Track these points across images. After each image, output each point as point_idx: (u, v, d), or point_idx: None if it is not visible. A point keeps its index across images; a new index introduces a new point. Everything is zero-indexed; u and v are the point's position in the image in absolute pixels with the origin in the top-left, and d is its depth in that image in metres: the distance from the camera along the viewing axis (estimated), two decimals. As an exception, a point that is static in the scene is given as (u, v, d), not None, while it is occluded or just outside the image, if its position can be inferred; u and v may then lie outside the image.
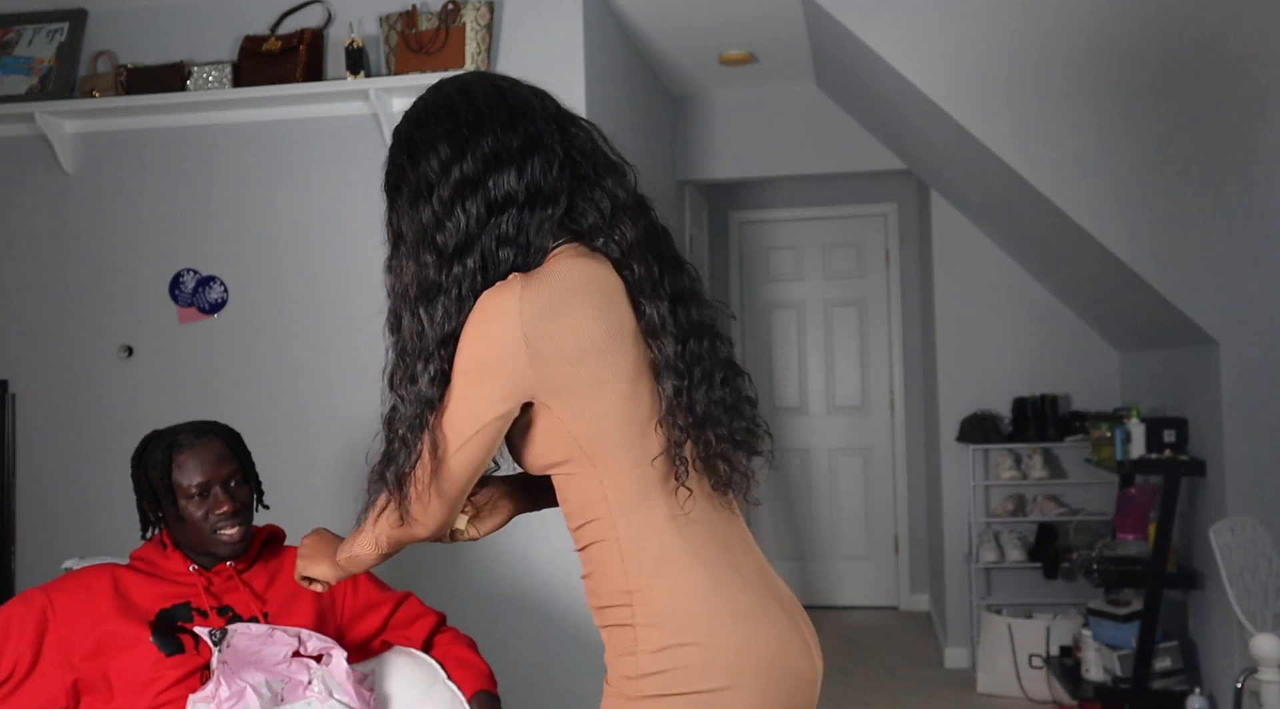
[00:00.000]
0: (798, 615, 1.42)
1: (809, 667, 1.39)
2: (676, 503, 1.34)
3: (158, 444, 2.01)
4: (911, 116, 4.11)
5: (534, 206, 1.34)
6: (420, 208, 1.35)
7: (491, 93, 1.39)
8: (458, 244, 1.32)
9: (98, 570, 1.96)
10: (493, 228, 1.33)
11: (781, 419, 6.39)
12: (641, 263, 1.36)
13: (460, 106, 1.37)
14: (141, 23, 3.76)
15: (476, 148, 1.34)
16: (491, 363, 1.29)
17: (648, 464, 1.33)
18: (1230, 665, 3.48)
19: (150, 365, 3.67)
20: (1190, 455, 3.77)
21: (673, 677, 1.30)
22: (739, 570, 1.37)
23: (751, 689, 1.31)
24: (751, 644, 1.33)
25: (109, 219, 3.73)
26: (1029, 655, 4.51)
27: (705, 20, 4.21)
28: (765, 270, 6.44)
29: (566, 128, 1.40)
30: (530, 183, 1.34)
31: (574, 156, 1.38)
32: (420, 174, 1.36)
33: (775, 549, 6.35)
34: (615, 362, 1.31)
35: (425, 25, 3.47)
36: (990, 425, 4.86)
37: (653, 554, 1.33)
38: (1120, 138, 3.44)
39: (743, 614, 1.33)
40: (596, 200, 1.37)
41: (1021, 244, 4.66)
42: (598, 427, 1.31)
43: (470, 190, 1.33)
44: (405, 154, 1.39)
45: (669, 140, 5.15)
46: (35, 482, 3.69)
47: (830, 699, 4.60)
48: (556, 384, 1.30)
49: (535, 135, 1.36)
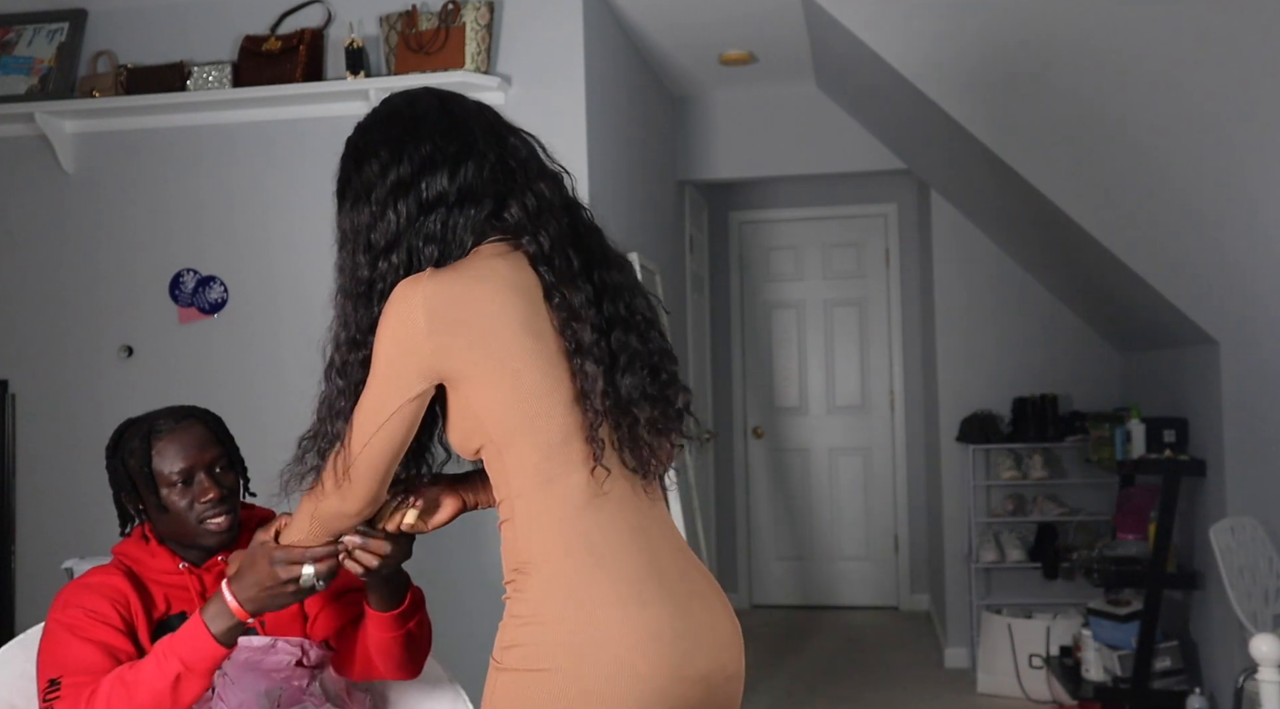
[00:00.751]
0: (704, 609, 1.41)
1: (704, 664, 1.38)
2: (588, 485, 1.38)
3: (134, 431, 1.87)
4: (911, 116, 4.11)
5: (463, 206, 1.43)
6: (360, 209, 1.45)
7: (434, 103, 1.50)
8: (388, 241, 1.42)
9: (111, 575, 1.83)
10: (421, 226, 1.42)
11: (781, 419, 6.40)
12: (561, 257, 1.42)
13: (404, 115, 1.48)
14: (141, 23, 3.76)
15: (415, 152, 1.44)
16: (400, 350, 1.37)
17: (559, 448, 1.37)
18: (1230, 665, 3.48)
19: (150, 365, 3.67)
20: (1190, 455, 3.77)
21: (523, 652, 1.35)
22: (635, 557, 1.38)
23: (593, 677, 1.32)
24: (604, 631, 1.33)
25: (109, 219, 3.73)
26: (1029, 655, 4.51)
27: (705, 20, 4.21)
28: (765, 270, 6.44)
29: (504, 137, 1.50)
30: (462, 185, 1.43)
31: (508, 162, 1.47)
32: (363, 177, 1.46)
33: (775, 549, 6.36)
34: (519, 350, 1.37)
35: (425, 25, 3.47)
36: (990, 425, 4.86)
37: (541, 535, 1.38)
38: (1120, 137, 3.43)
39: (610, 601, 1.34)
40: (525, 201, 1.45)
41: (1021, 244, 4.67)
42: (501, 412, 1.37)
43: (404, 191, 1.43)
44: (351, 159, 1.49)
45: (669, 140, 5.15)
46: (35, 482, 3.69)
47: (830, 699, 4.60)
48: (459, 368, 1.37)
49: (471, 142, 1.46)
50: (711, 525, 5.85)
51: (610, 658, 1.32)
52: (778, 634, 5.72)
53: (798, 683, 4.85)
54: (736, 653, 1.44)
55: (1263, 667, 2.41)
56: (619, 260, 1.52)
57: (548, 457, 1.38)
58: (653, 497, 1.46)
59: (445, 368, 1.37)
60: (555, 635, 1.34)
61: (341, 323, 1.47)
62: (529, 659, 1.34)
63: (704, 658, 1.38)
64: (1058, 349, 4.97)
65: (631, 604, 1.35)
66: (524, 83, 3.55)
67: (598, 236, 1.52)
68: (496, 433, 1.38)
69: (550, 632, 1.34)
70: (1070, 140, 3.49)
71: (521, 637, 1.36)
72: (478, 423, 1.39)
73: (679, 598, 1.39)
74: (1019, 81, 3.50)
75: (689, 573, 1.44)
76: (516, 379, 1.36)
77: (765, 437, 6.39)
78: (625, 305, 1.46)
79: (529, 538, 1.38)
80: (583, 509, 1.38)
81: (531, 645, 1.34)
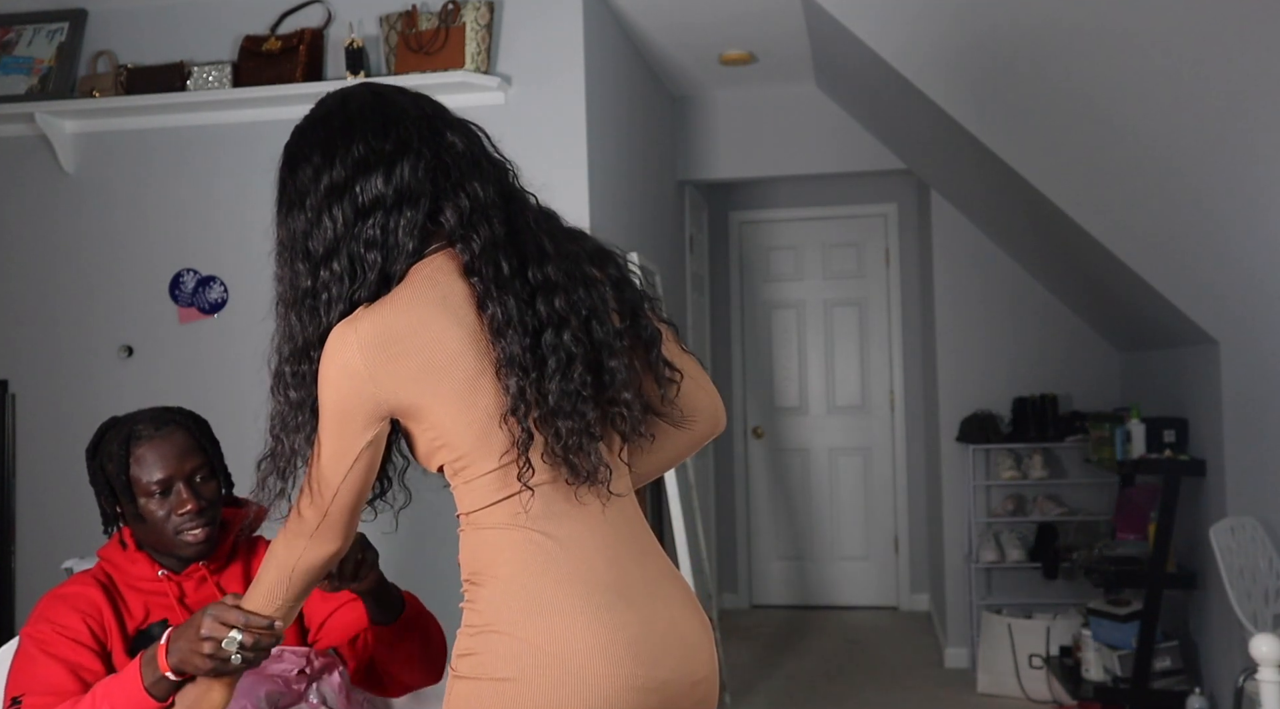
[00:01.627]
0: (668, 615, 1.39)
1: (664, 672, 1.35)
2: (535, 495, 1.36)
3: (114, 434, 1.83)
4: (911, 116, 4.11)
5: (400, 208, 1.37)
6: (296, 216, 1.40)
7: (367, 99, 1.44)
8: (326, 248, 1.37)
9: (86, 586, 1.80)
10: (360, 231, 1.37)
11: (781, 419, 6.40)
12: (490, 264, 1.36)
13: (335, 116, 1.42)
14: (141, 23, 3.76)
15: (347, 154, 1.38)
16: (346, 399, 1.35)
17: (503, 468, 1.35)
18: (1230, 665, 3.47)
19: (150, 365, 3.67)
20: (1190, 455, 3.77)
21: (478, 660, 1.34)
22: (593, 564, 1.36)
23: (546, 685, 1.30)
24: (558, 640, 1.31)
25: (109, 219, 3.73)
26: (1029, 655, 4.51)
27: (705, 20, 4.21)
28: (765, 270, 6.43)
29: (441, 131, 1.42)
30: (399, 185, 1.37)
31: (444, 158, 1.40)
32: (297, 183, 1.41)
33: (775, 549, 6.36)
34: (464, 371, 1.34)
35: (425, 25, 3.47)
36: (990, 425, 4.85)
37: (495, 544, 1.36)
38: (1119, 136, 3.43)
39: (564, 609, 1.32)
40: (458, 202, 1.39)
41: (1021, 244, 4.66)
42: (455, 434, 1.35)
43: (338, 196, 1.37)
44: (286, 166, 1.44)
45: (669, 140, 5.15)
46: (35, 482, 3.69)
47: (830, 699, 4.60)
48: (407, 401, 1.34)
49: (406, 139, 1.39)
50: (711, 525, 5.85)
51: (564, 666, 1.30)
52: (778, 634, 5.72)
53: (798, 683, 4.85)
54: (705, 657, 1.41)
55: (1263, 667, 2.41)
56: (566, 250, 1.42)
57: (502, 472, 1.36)
58: (615, 500, 1.41)
59: (393, 404, 1.35)
60: (508, 644, 1.32)
61: (285, 335, 1.41)
62: (483, 668, 1.33)
63: (665, 666, 1.35)
64: (1058, 349, 4.97)
65: (586, 612, 1.33)
66: (524, 83, 3.55)
67: (549, 223, 1.45)
68: (451, 455, 1.37)
69: (504, 640, 1.32)
70: (1070, 139, 3.49)
71: (475, 645, 1.34)
72: (433, 447, 1.38)
73: (640, 604, 1.36)
74: (1019, 81, 3.50)
75: (654, 578, 1.41)
76: (465, 401, 1.34)
77: (765, 437, 6.39)
78: (564, 301, 1.37)
79: (483, 546, 1.37)
80: (539, 519, 1.36)
81: (486, 654, 1.33)
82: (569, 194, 3.50)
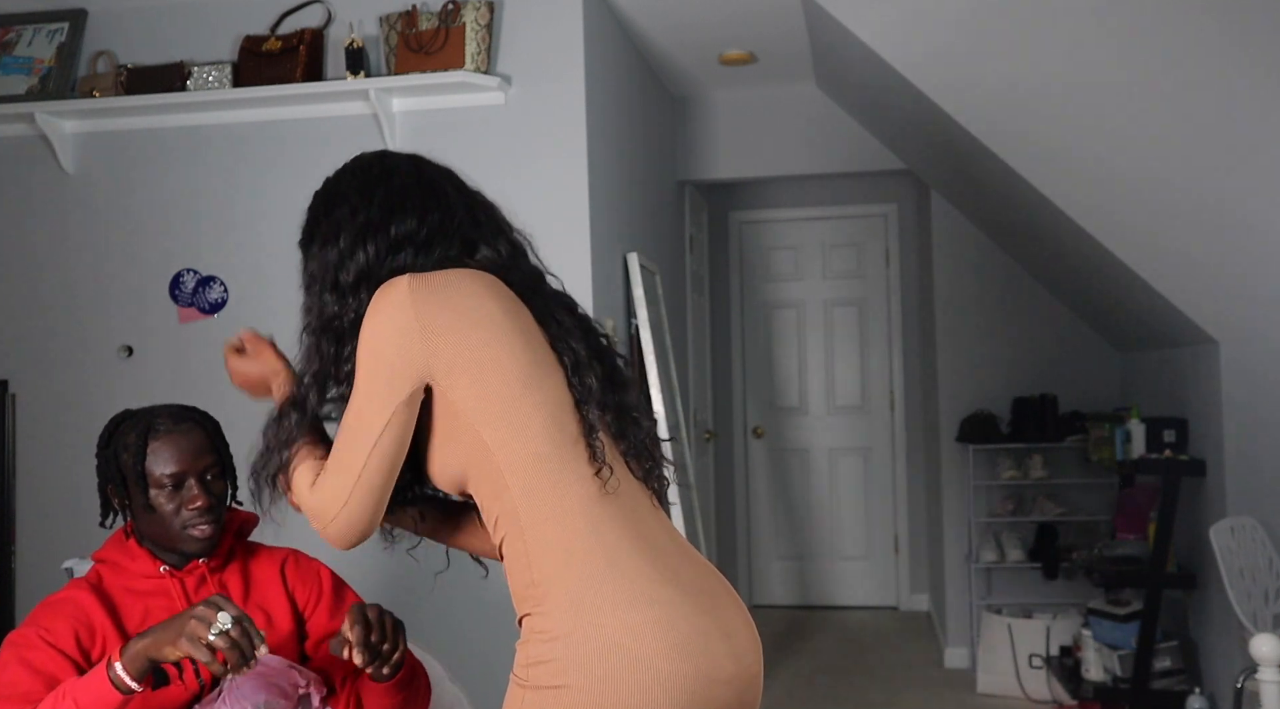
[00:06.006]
0: (723, 611, 1.40)
1: (731, 665, 1.36)
2: (593, 482, 1.38)
3: (131, 425, 1.86)
4: (911, 116, 4.11)
5: (430, 247, 1.46)
6: (328, 251, 1.48)
7: (403, 159, 1.55)
8: (356, 278, 1.45)
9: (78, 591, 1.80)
10: (389, 263, 1.45)
11: (781, 419, 6.40)
12: (539, 297, 1.48)
13: (374, 166, 1.53)
14: (141, 23, 3.76)
15: (385, 197, 1.48)
16: (387, 349, 1.38)
17: (559, 447, 1.37)
18: (1230, 665, 3.48)
19: (150, 365, 3.67)
20: (1190, 455, 3.77)
21: (550, 668, 1.33)
22: (648, 559, 1.37)
23: (622, 687, 1.30)
24: (629, 639, 1.31)
25: (109, 219, 3.73)
26: (1029, 655, 4.51)
27: (705, 20, 4.21)
28: (765, 270, 6.44)
29: (472, 194, 1.55)
30: (431, 227, 1.47)
31: (476, 214, 1.52)
32: (332, 220, 1.49)
33: (775, 549, 6.36)
34: (510, 340, 1.39)
35: (425, 25, 3.47)
36: (990, 425, 4.86)
37: (552, 538, 1.36)
38: (1119, 137, 3.43)
39: (629, 605, 1.32)
40: (497, 245, 1.50)
41: (1021, 244, 4.67)
42: (491, 402, 1.37)
43: (373, 231, 1.46)
44: (321, 205, 1.53)
45: (669, 140, 5.15)
46: (35, 482, 3.69)
47: (830, 699, 4.60)
48: (450, 357, 1.37)
49: (440, 193, 1.51)
50: (711, 525, 5.85)
51: (637, 666, 1.30)
52: (778, 634, 5.72)
53: (798, 683, 4.85)
54: (757, 654, 1.42)
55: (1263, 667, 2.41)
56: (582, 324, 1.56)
57: (548, 453, 1.37)
58: (655, 505, 1.46)
59: (437, 360, 1.37)
60: (580, 648, 1.31)
61: (307, 359, 1.49)
62: (562, 675, 1.31)
63: (730, 659, 1.36)
64: (1058, 349, 4.97)
65: (655, 609, 1.33)
66: (524, 83, 3.55)
67: (565, 296, 1.56)
68: (486, 430, 1.36)
69: (575, 645, 1.31)
70: (1070, 139, 3.49)
71: (546, 653, 1.33)
72: (462, 423, 1.37)
73: (699, 600, 1.37)
74: (1018, 81, 3.50)
75: (703, 575, 1.42)
76: (507, 371, 1.38)
77: (765, 436, 6.39)
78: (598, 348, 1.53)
79: (539, 544, 1.36)
80: (591, 505, 1.37)
81: (556, 661, 1.32)
82: (569, 194, 3.49)
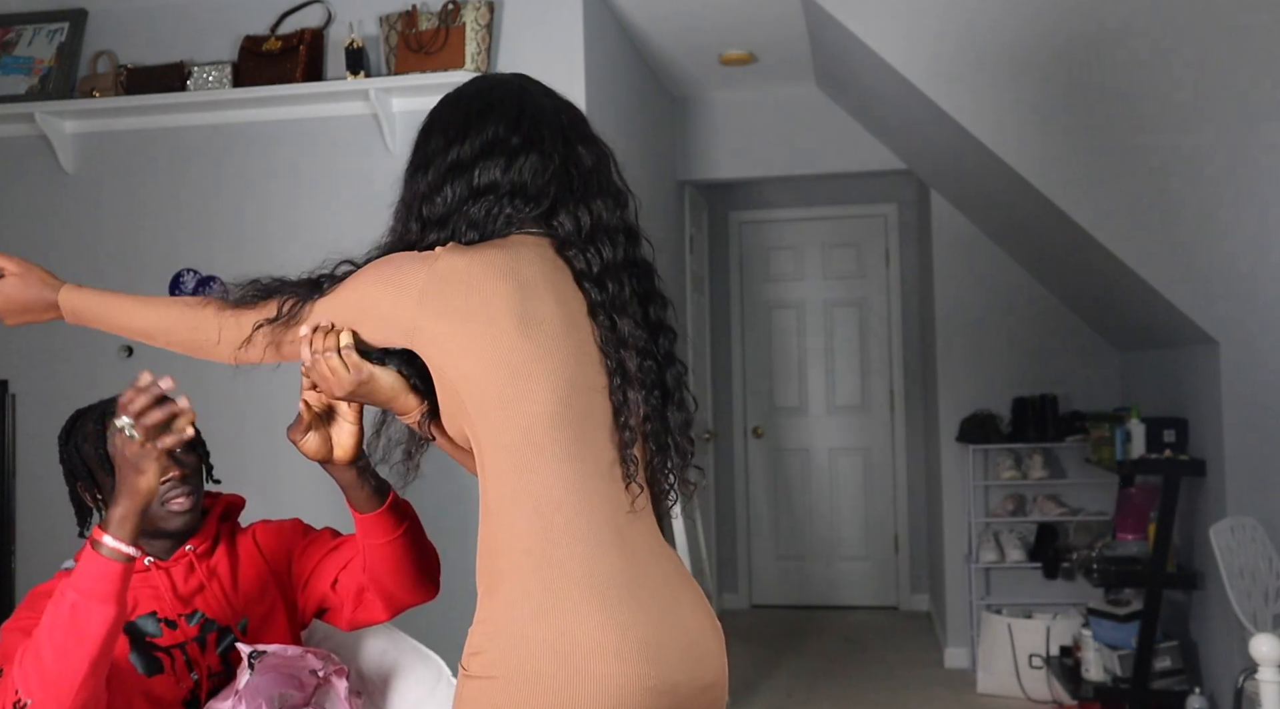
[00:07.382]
0: (681, 618, 1.38)
1: (675, 674, 1.34)
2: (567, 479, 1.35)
3: (88, 416, 1.85)
4: (911, 116, 4.11)
5: (512, 200, 1.43)
6: (419, 179, 1.47)
7: (512, 89, 1.50)
8: (438, 218, 1.44)
9: None
10: (467, 210, 1.43)
11: (781, 419, 6.39)
12: (615, 282, 1.43)
13: (477, 98, 1.49)
14: (141, 23, 3.76)
15: (478, 136, 1.44)
16: (386, 304, 1.41)
17: (536, 438, 1.35)
18: (1230, 665, 3.48)
19: (150, 365, 3.64)
20: (1190, 455, 3.77)
21: (488, 659, 1.32)
22: (610, 561, 1.35)
23: (556, 686, 1.29)
24: (570, 639, 1.30)
25: (109, 219, 3.73)
26: (1029, 655, 4.51)
27: (705, 20, 4.21)
28: (765, 270, 6.43)
29: (574, 142, 1.48)
30: (516, 179, 1.43)
31: (569, 169, 1.46)
32: (428, 150, 1.48)
33: (775, 549, 6.36)
34: (500, 328, 1.35)
35: (425, 25, 3.47)
36: (990, 425, 4.85)
37: (512, 531, 1.35)
38: (1120, 137, 3.44)
39: (578, 608, 1.31)
40: (578, 214, 1.45)
41: (1021, 244, 4.67)
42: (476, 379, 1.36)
43: (459, 172, 1.44)
44: (424, 131, 1.51)
45: (669, 140, 5.15)
46: (35, 482, 3.69)
47: (830, 699, 4.60)
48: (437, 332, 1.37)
49: (536, 138, 1.45)
50: (711, 525, 5.85)
51: (574, 667, 1.29)
52: (778, 634, 5.72)
53: (798, 683, 4.85)
54: (715, 662, 1.40)
55: (1263, 667, 2.42)
56: (665, 299, 1.53)
57: (523, 443, 1.35)
58: (638, 505, 1.41)
59: (419, 339, 1.39)
60: (520, 643, 1.31)
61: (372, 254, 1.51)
62: (493, 666, 1.31)
63: (676, 668, 1.34)
64: (1058, 349, 4.97)
65: (599, 612, 1.31)
66: (524, 83, 3.54)
67: (649, 272, 1.53)
68: (472, 404, 1.37)
69: (515, 639, 1.31)
70: (1070, 139, 3.49)
71: (486, 644, 1.33)
72: (454, 393, 1.38)
73: (654, 605, 1.35)
74: (1019, 81, 3.50)
75: (670, 579, 1.40)
76: (489, 355, 1.35)
77: (765, 436, 6.39)
78: (666, 342, 1.50)
79: (500, 537, 1.36)
80: (560, 503, 1.34)
81: (496, 652, 1.32)
82: (569, 194, 3.49)
